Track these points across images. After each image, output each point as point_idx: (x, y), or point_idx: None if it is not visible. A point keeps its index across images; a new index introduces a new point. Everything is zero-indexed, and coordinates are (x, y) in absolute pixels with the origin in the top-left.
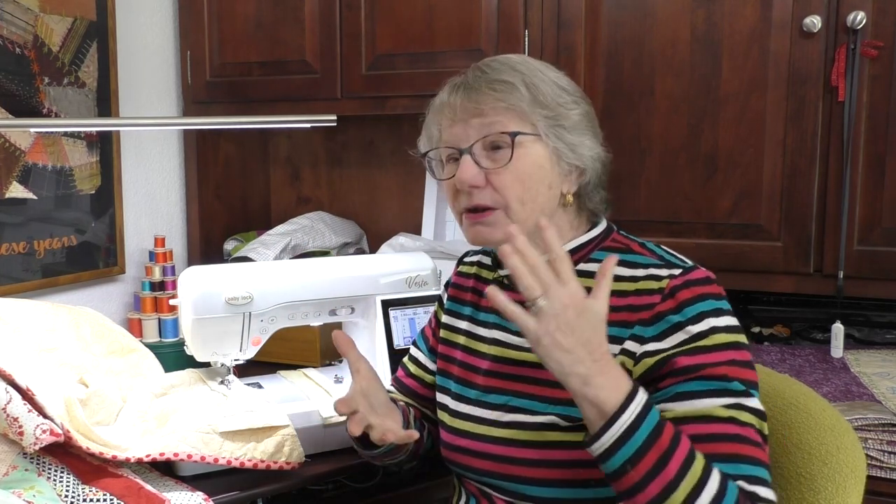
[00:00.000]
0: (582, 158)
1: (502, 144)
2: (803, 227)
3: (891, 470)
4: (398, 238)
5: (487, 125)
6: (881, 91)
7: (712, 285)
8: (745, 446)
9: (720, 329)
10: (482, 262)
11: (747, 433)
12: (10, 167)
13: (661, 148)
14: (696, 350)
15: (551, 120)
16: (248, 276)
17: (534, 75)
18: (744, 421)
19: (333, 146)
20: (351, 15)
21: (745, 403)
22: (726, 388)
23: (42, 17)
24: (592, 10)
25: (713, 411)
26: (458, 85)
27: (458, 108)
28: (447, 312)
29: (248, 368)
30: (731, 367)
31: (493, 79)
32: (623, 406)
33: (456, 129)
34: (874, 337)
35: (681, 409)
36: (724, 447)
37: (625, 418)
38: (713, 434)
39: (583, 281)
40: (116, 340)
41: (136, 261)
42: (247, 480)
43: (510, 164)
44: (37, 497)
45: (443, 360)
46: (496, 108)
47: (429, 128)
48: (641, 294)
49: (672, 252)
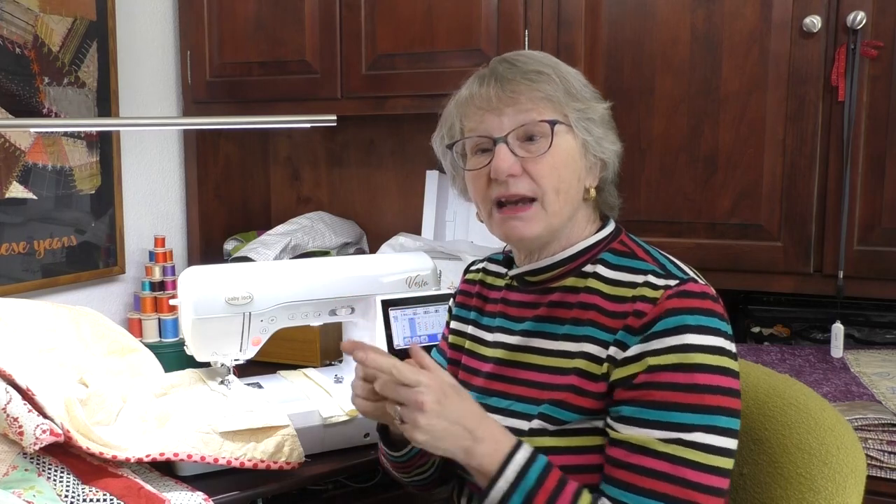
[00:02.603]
0: (606, 152)
1: (538, 134)
2: (803, 227)
3: (891, 470)
4: (398, 238)
5: (524, 114)
6: (881, 91)
7: (706, 300)
8: (669, 485)
9: (695, 348)
10: (487, 269)
11: (678, 472)
12: (10, 167)
13: (661, 148)
14: (658, 368)
15: (581, 112)
16: (248, 276)
17: (562, 68)
18: (680, 458)
19: (333, 146)
20: (351, 15)
21: (688, 439)
22: (668, 420)
23: (42, 17)
24: (592, 10)
25: (649, 443)
26: (485, 77)
27: (492, 97)
28: (455, 318)
29: (248, 368)
30: (687, 394)
31: (527, 69)
32: (500, 469)
33: (489, 119)
34: (874, 337)
35: (624, 432)
36: (650, 483)
37: (501, 484)
38: (644, 467)
39: (587, 281)
40: (116, 340)
41: (136, 261)
42: (247, 480)
43: (548, 152)
44: (37, 497)
45: (451, 365)
46: (532, 98)
47: (449, 121)
48: (636, 301)
49: (676, 262)
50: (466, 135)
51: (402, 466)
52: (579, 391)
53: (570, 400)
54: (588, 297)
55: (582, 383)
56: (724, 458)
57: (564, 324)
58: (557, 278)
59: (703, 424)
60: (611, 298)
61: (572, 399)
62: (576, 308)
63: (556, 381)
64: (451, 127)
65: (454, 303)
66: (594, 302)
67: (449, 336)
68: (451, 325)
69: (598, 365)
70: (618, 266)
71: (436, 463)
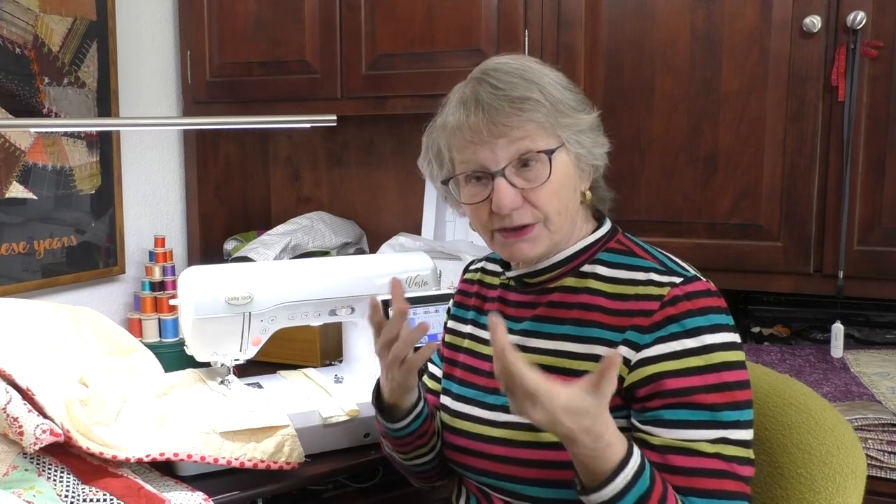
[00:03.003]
0: (597, 157)
1: (534, 160)
2: (803, 227)
3: (890, 470)
4: (398, 238)
5: (516, 144)
6: (881, 91)
7: (713, 297)
8: (727, 481)
9: (716, 347)
10: (486, 269)
11: (731, 468)
12: (10, 167)
13: (661, 148)
14: (688, 371)
15: (571, 127)
16: (248, 276)
17: (545, 83)
18: (729, 455)
19: (333, 146)
20: (351, 15)
21: (731, 437)
22: (714, 419)
23: (42, 17)
24: (592, 10)
25: (698, 446)
26: (469, 104)
27: (481, 130)
28: (452, 318)
29: (248, 368)
30: (721, 394)
31: (513, 97)
32: (615, 472)
33: (480, 152)
34: (874, 337)
35: (667, 436)
36: (708, 483)
37: (614, 486)
38: (697, 469)
39: (586, 282)
40: (116, 340)
41: (136, 261)
42: (247, 480)
43: (548, 180)
44: (37, 497)
45: (447, 364)
46: (523, 128)
47: (435, 148)
48: (640, 299)
49: (674, 259)
50: (459, 168)
51: (401, 444)
52: None
53: None
54: (590, 298)
55: None
56: (751, 449)
57: (564, 324)
58: (556, 279)
59: (739, 420)
60: (613, 297)
61: None
62: (576, 308)
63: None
64: (438, 154)
65: (452, 303)
66: (597, 303)
67: (445, 336)
68: (447, 325)
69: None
70: (617, 265)
71: (436, 447)
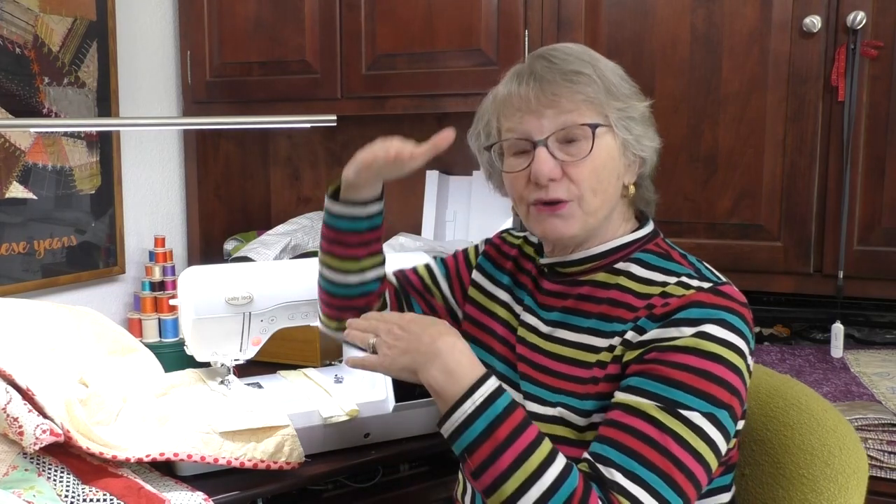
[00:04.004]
0: (645, 150)
1: (578, 136)
2: (803, 227)
3: (891, 470)
4: (398, 238)
5: (564, 116)
6: (881, 91)
7: (734, 302)
8: (652, 451)
9: (713, 338)
10: (528, 240)
11: (662, 440)
12: (10, 167)
13: (661, 148)
14: (670, 348)
15: (622, 112)
16: (248, 276)
17: (601, 65)
18: (668, 426)
19: (333, 146)
20: (351, 15)
21: (682, 413)
22: (671, 397)
23: (42, 17)
24: (592, 10)
25: (642, 406)
26: (523, 75)
27: (531, 98)
28: (480, 271)
29: (248, 368)
30: (697, 378)
31: (567, 70)
32: (464, 397)
33: (528, 120)
34: (874, 337)
35: (621, 398)
36: (633, 442)
37: (464, 409)
38: (626, 424)
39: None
40: (116, 340)
41: (136, 261)
42: (247, 480)
43: (589, 156)
44: (37, 497)
45: (470, 324)
46: (572, 100)
47: (486, 118)
48: (664, 296)
49: (711, 268)
50: (504, 135)
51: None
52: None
53: (590, 391)
54: (619, 295)
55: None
56: (711, 450)
57: (590, 317)
58: (588, 272)
59: (704, 410)
60: (642, 297)
61: (591, 389)
62: (605, 304)
63: (576, 373)
64: (487, 124)
65: (483, 254)
66: (625, 300)
67: (469, 289)
68: (473, 277)
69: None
70: (652, 266)
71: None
